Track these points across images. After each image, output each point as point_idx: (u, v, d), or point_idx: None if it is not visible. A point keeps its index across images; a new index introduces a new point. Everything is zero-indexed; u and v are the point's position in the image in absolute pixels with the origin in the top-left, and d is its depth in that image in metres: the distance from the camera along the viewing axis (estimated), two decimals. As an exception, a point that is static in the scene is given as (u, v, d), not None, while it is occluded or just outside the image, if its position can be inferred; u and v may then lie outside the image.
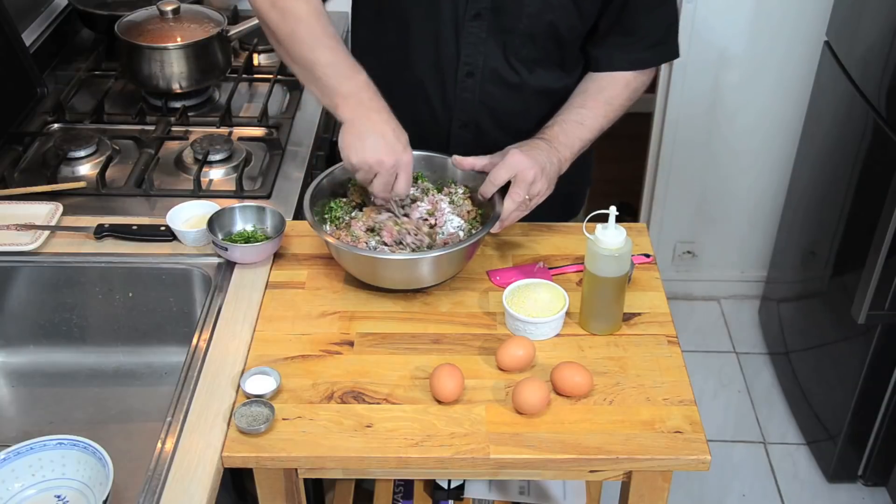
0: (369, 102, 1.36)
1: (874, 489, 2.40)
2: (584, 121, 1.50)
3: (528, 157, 1.41)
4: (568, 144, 1.48)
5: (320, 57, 1.36)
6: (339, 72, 1.36)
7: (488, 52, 1.50)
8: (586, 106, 1.51)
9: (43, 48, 2.08)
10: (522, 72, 1.53)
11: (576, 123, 1.50)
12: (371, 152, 1.34)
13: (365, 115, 1.35)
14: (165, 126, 1.86)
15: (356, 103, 1.36)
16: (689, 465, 1.20)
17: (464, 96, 1.55)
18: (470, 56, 1.51)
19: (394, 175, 1.37)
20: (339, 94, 1.36)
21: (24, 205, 1.60)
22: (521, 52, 1.51)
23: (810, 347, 2.51)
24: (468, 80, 1.53)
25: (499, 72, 1.52)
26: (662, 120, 2.71)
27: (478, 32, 1.48)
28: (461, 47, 1.50)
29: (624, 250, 1.31)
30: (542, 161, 1.42)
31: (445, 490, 1.76)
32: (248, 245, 1.47)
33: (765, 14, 2.52)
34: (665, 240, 2.93)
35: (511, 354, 1.30)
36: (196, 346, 1.35)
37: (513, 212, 1.41)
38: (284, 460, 1.21)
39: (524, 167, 1.40)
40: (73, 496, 1.21)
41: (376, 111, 1.36)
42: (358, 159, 1.35)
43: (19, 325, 1.54)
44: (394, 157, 1.35)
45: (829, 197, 2.37)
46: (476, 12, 1.47)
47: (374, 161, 1.34)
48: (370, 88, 1.37)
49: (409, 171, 1.38)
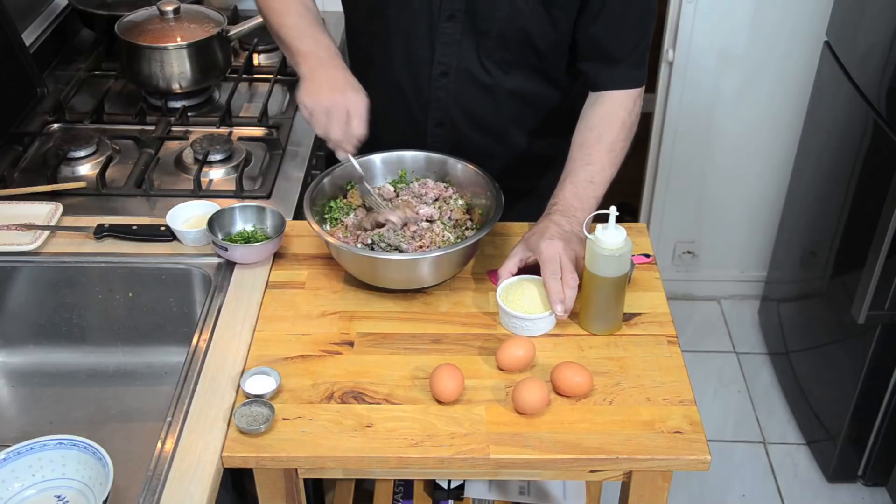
0: (327, 59, 1.45)
1: (874, 489, 2.40)
2: (593, 178, 1.46)
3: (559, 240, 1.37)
4: (584, 208, 1.44)
5: (287, 20, 1.50)
6: (301, 33, 1.48)
7: (462, 53, 1.51)
8: (592, 161, 1.47)
9: (43, 48, 2.08)
10: (496, 73, 1.53)
11: (587, 183, 1.46)
12: (322, 93, 1.41)
13: (321, 68, 1.44)
14: (165, 126, 1.86)
15: (315, 60, 1.45)
16: (689, 465, 1.20)
17: (438, 95, 1.56)
18: (444, 56, 1.52)
19: (345, 114, 1.41)
20: (300, 52, 1.46)
21: (24, 205, 1.60)
22: (494, 54, 1.51)
23: (810, 347, 2.51)
24: (442, 80, 1.54)
25: (472, 72, 1.53)
26: (662, 120, 2.71)
27: (452, 33, 1.50)
28: (436, 47, 1.51)
29: (624, 250, 1.31)
30: (570, 238, 1.39)
31: (445, 490, 1.76)
32: (248, 245, 1.47)
33: (765, 14, 2.52)
34: (665, 240, 2.94)
35: (511, 354, 1.30)
36: (196, 346, 1.35)
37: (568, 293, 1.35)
38: (284, 460, 1.21)
39: (561, 253, 1.36)
40: (73, 496, 1.21)
41: (332, 66, 1.44)
42: (310, 100, 1.41)
43: (19, 325, 1.54)
44: (344, 95, 1.41)
45: (829, 197, 2.37)
46: (450, 13, 1.48)
47: (326, 99, 1.40)
48: (330, 48, 1.47)
49: (361, 112, 1.42)
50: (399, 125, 1.61)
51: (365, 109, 1.42)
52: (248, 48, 2.16)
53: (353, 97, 1.42)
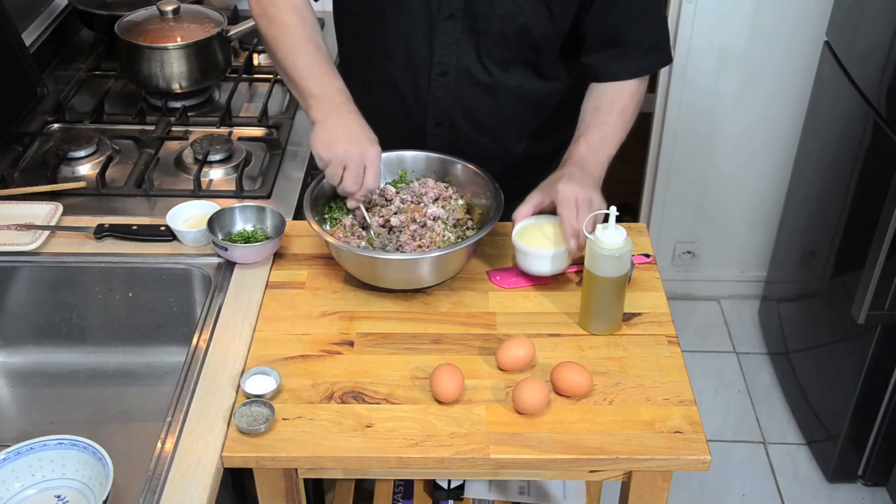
0: (340, 104, 1.42)
1: (874, 489, 2.40)
2: (607, 137, 1.50)
3: (574, 182, 1.40)
4: (598, 163, 1.48)
5: (297, 61, 1.45)
6: (313, 75, 1.44)
7: (461, 53, 1.51)
8: (606, 122, 1.51)
9: (43, 48, 2.08)
10: (496, 72, 1.54)
11: (601, 141, 1.49)
12: (338, 144, 1.39)
13: (335, 113, 1.41)
14: (165, 126, 1.86)
15: (328, 104, 1.42)
16: (689, 465, 1.20)
17: (437, 95, 1.56)
18: (443, 56, 1.52)
19: (362, 167, 1.40)
20: (312, 95, 1.43)
21: (24, 205, 1.60)
22: (494, 53, 1.51)
23: (810, 347, 2.51)
24: (441, 80, 1.54)
25: (472, 72, 1.53)
26: (662, 120, 2.71)
27: (451, 33, 1.50)
28: (434, 47, 1.51)
29: (624, 250, 1.31)
30: (585, 183, 1.41)
31: (445, 490, 1.76)
32: (248, 245, 1.47)
33: (765, 14, 2.52)
34: (665, 240, 2.94)
35: (511, 354, 1.30)
36: (196, 346, 1.35)
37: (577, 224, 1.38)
38: (284, 460, 1.21)
39: (578, 193, 1.39)
40: (73, 496, 1.21)
41: (346, 112, 1.42)
42: (326, 151, 1.39)
43: (19, 325, 1.54)
44: (360, 149, 1.39)
45: (829, 197, 2.37)
46: (449, 13, 1.48)
47: (342, 151, 1.38)
48: (343, 93, 1.44)
49: (377, 165, 1.41)
50: (398, 125, 1.61)
51: (380, 162, 1.42)
52: (248, 48, 2.16)
53: (370, 151, 1.40)
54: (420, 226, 1.44)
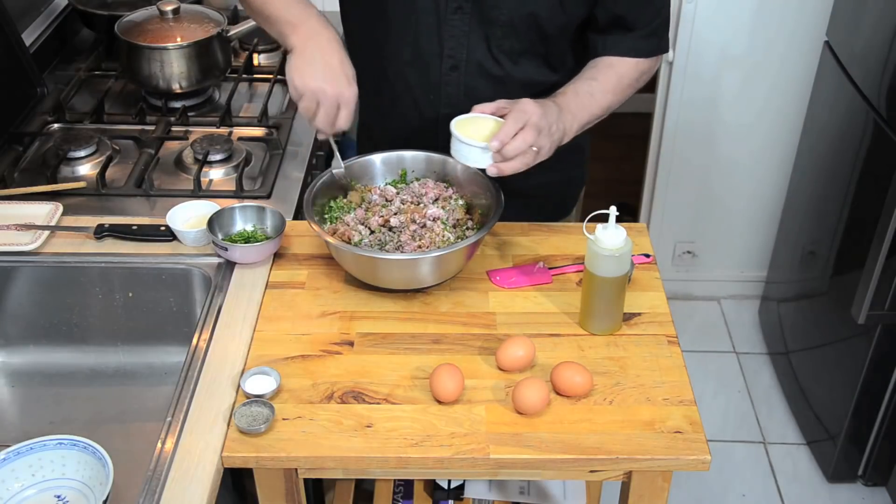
0: (320, 30, 1.39)
1: (874, 489, 2.40)
2: (594, 93, 1.48)
3: (540, 108, 1.38)
4: (577, 116, 1.45)
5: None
6: (291, 4, 1.41)
7: (472, 46, 1.50)
8: (597, 79, 1.49)
9: (43, 48, 2.08)
10: (506, 64, 1.53)
11: (587, 94, 1.47)
12: (315, 79, 1.36)
13: (314, 40, 1.38)
14: (165, 126, 1.86)
15: (306, 30, 1.39)
16: (689, 465, 1.20)
17: (448, 91, 1.55)
18: (453, 49, 1.51)
19: (335, 107, 1.38)
20: (289, 22, 1.39)
21: (24, 205, 1.59)
22: (503, 43, 1.50)
23: (810, 347, 2.51)
24: (452, 74, 1.54)
25: (483, 64, 1.52)
26: (662, 120, 2.71)
27: (460, 26, 1.49)
28: (444, 41, 1.50)
29: (624, 250, 1.31)
30: (551, 120, 1.39)
31: (445, 490, 1.76)
32: (248, 245, 1.47)
33: (765, 14, 2.52)
34: (665, 240, 2.94)
35: (511, 354, 1.30)
36: (196, 346, 1.35)
37: (512, 142, 1.33)
38: (284, 460, 1.21)
39: (535, 115, 1.36)
40: (73, 496, 1.21)
41: (326, 40, 1.38)
42: (301, 84, 1.36)
43: (19, 325, 1.54)
44: (336, 88, 1.36)
45: (829, 197, 2.37)
46: (457, 5, 1.47)
47: (317, 88, 1.36)
48: (321, 18, 1.40)
49: (350, 106, 1.39)
50: (409, 123, 1.60)
51: (354, 103, 1.40)
52: (248, 48, 2.16)
53: (346, 91, 1.37)
54: (420, 226, 1.44)
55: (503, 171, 1.36)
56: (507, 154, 1.34)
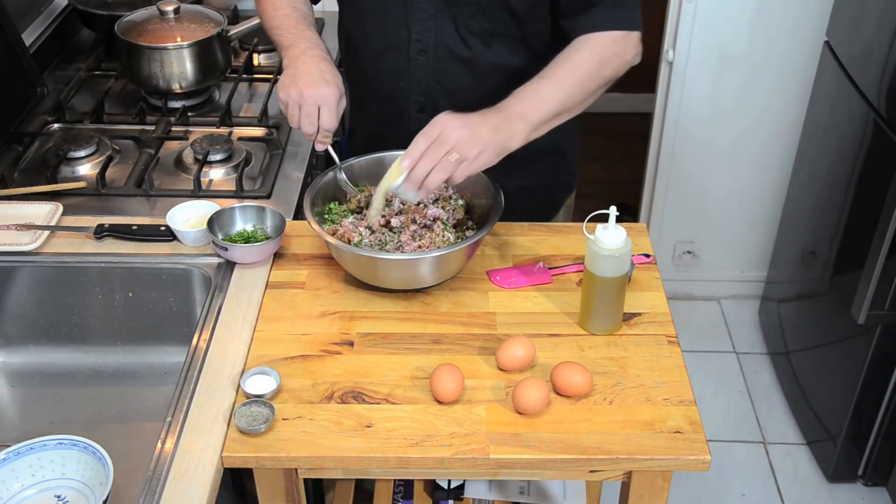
0: (307, 50, 1.46)
1: (874, 489, 2.40)
2: (540, 89, 1.41)
3: (453, 115, 1.34)
4: (526, 116, 1.39)
5: (274, 21, 1.54)
6: (286, 29, 1.52)
7: (439, 28, 1.50)
8: (546, 76, 1.43)
9: (43, 48, 2.08)
10: (476, 46, 1.51)
11: (532, 92, 1.41)
12: (295, 86, 1.41)
13: (299, 60, 1.45)
14: (165, 126, 1.86)
15: (294, 51, 1.47)
16: (689, 465, 1.20)
17: (417, 76, 1.55)
18: (420, 33, 1.51)
19: (316, 108, 1.41)
20: (283, 45, 1.50)
21: (24, 205, 1.60)
22: (472, 24, 1.49)
23: (810, 347, 2.51)
24: (421, 58, 1.53)
25: (450, 47, 1.52)
26: (662, 120, 2.71)
27: (426, 8, 1.49)
28: (412, 25, 1.51)
29: (624, 250, 1.31)
30: (473, 120, 1.34)
31: (445, 490, 1.76)
32: (248, 245, 1.47)
33: (765, 14, 2.52)
34: (665, 240, 2.94)
35: (511, 354, 1.30)
36: (196, 346, 1.35)
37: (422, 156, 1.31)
38: (284, 460, 1.21)
39: (448, 127, 1.32)
40: (73, 496, 1.21)
41: (310, 57, 1.46)
42: (284, 94, 1.43)
43: (19, 325, 1.54)
44: (314, 89, 1.41)
45: (829, 197, 2.37)
46: None
47: (296, 92, 1.41)
48: (311, 40, 1.49)
49: (331, 105, 1.42)
50: (384, 110, 1.60)
51: (335, 101, 1.42)
52: (248, 48, 2.16)
53: (324, 90, 1.41)
54: (420, 226, 1.44)
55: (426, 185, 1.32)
56: (417, 174, 1.31)
